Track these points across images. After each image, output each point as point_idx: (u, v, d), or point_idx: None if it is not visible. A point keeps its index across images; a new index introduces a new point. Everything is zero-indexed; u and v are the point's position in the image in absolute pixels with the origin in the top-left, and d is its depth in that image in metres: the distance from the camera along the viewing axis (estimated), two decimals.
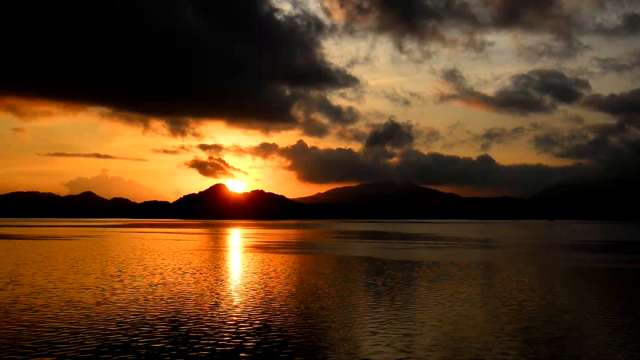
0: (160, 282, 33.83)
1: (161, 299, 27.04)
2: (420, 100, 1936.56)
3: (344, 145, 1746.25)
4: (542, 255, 60.52)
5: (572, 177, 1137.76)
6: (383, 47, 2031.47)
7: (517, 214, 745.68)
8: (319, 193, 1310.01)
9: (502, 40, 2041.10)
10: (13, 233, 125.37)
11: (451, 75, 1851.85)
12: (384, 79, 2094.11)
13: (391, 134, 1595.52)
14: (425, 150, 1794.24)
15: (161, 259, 50.55)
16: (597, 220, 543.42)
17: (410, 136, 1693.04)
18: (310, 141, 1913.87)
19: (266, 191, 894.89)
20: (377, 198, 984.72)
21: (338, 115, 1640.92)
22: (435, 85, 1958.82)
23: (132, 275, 37.12)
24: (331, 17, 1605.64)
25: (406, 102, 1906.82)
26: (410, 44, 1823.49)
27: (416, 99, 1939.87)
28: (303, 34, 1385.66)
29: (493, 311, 24.04)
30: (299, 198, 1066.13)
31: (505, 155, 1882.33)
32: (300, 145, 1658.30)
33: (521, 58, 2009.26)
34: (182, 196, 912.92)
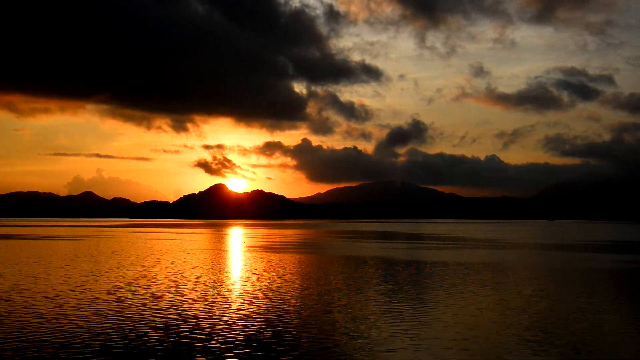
0: (170, 281, 33.80)
1: (170, 298, 27.05)
2: (440, 98, 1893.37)
3: (350, 144, 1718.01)
4: (545, 255, 60.44)
5: (575, 176, 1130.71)
6: (403, 42, 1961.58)
7: (517, 214, 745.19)
8: (319, 193, 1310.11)
9: (531, 36, 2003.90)
10: (20, 233, 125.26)
11: (474, 73, 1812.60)
12: (402, 75, 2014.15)
13: (401, 133, 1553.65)
14: (435, 150, 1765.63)
15: (168, 258, 50.49)
16: (598, 220, 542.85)
17: (421, 135, 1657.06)
18: (315, 140, 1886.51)
19: (266, 191, 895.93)
20: (377, 198, 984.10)
21: (350, 113, 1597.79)
22: (456, 83, 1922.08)
23: (138, 274, 37.11)
24: (347, 8, 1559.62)
25: (423, 100, 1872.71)
26: (433, 39, 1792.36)
27: (436, 96, 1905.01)
28: (316, 26, 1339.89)
29: (507, 311, 23.98)
30: (299, 198, 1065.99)
31: (516, 155, 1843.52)
32: (306, 144, 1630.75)
33: (549, 55, 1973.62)
34: (182, 196, 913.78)
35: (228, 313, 23.51)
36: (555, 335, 19.42)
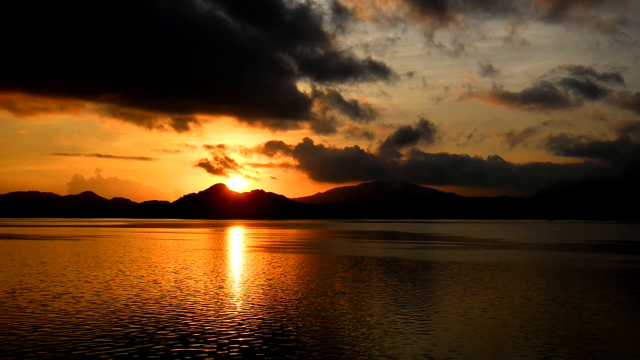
0: (174, 280, 33.72)
1: (175, 298, 27.01)
2: (448, 97, 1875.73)
3: (352, 143, 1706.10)
4: (545, 255, 60.31)
5: (578, 176, 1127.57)
6: (410, 40, 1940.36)
7: (518, 214, 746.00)
8: (320, 193, 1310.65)
9: (541, 35, 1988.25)
10: (21, 233, 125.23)
11: (483, 71, 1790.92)
12: (409, 73, 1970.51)
13: (407, 132, 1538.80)
14: (437, 150, 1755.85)
15: (173, 258, 50.38)
16: (600, 220, 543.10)
17: (427, 135, 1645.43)
18: (317, 139, 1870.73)
19: (267, 191, 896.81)
20: (377, 198, 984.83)
21: (355, 112, 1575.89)
22: (464, 81, 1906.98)
23: (142, 273, 37.04)
24: (354, 5, 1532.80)
25: (431, 99, 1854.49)
26: (441, 37, 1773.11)
27: (444, 95, 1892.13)
28: (322, 24, 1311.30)
29: (511, 312, 23.95)
30: (299, 198, 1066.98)
31: (519, 154, 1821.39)
32: (307, 143, 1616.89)
33: (559, 54, 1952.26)
34: (182, 196, 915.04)
35: (231, 313, 23.49)
36: (558, 335, 19.42)
